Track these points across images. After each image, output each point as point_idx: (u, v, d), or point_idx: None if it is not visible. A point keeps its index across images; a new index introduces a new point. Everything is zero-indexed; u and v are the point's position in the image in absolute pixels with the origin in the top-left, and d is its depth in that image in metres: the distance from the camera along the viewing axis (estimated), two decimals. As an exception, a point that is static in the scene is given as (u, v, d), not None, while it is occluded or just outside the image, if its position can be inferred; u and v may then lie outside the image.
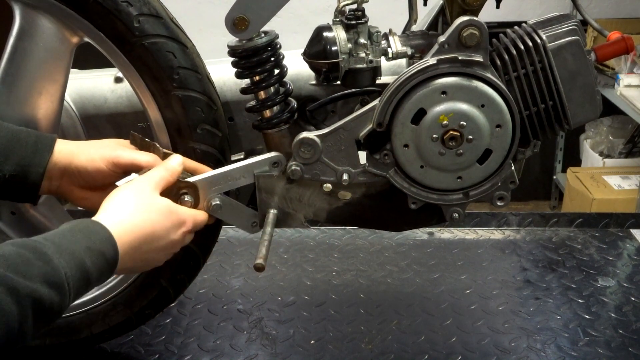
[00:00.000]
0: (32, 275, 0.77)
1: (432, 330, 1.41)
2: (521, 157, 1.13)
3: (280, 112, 1.15)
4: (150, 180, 1.02)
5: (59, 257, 0.81)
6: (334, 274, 1.62)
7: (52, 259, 0.80)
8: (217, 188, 1.12)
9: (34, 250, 0.80)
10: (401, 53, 1.14)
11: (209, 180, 1.11)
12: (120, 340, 1.36)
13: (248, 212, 1.17)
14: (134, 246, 0.94)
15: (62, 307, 0.81)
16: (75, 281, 0.82)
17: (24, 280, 0.76)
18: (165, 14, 1.10)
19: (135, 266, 0.98)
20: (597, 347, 1.35)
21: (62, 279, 0.80)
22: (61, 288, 0.80)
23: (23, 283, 0.76)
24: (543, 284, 1.57)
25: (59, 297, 0.80)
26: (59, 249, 0.82)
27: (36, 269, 0.78)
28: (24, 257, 0.78)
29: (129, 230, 0.94)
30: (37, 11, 1.08)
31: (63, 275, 0.81)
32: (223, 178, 1.12)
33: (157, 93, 1.11)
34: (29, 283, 0.77)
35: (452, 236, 1.79)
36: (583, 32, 1.09)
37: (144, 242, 0.96)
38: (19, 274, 0.76)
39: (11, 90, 1.10)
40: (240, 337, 1.39)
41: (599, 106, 1.10)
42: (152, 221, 0.97)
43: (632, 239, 1.77)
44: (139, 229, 0.95)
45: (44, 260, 0.79)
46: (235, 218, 1.16)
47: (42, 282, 0.78)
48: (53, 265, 0.80)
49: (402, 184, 1.12)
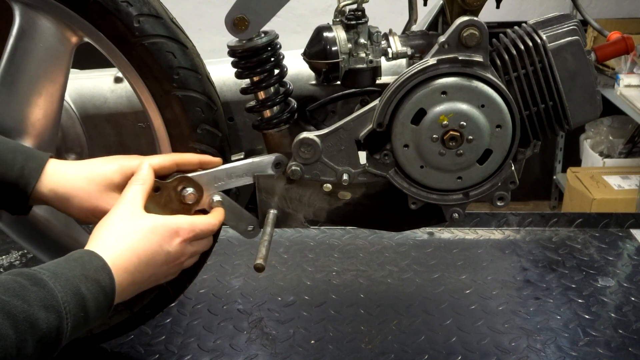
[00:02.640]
0: (28, 300, 0.77)
1: (432, 330, 1.41)
2: (521, 157, 1.13)
3: (280, 112, 1.15)
4: (129, 200, 1.01)
5: (55, 282, 0.81)
6: (334, 274, 1.62)
7: (48, 283, 0.80)
8: (220, 185, 1.12)
9: (29, 277, 0.80)
10: (401, 53, 1.14)
11: (212, 176, 1.11)
12: (120, 340, 1.36)
13: (247, 216, 1.17)
14: (130, 270, 0.94)
15: (60, 332, 0.81)
16: (72, 307, 0.82)
17: (21, 304, 0.76)
18: (165, 14, 1.10)
19: (141, 287, 0.98)
20: (597, 347, 1.35)
21: (59, 302, 0.80)
22: (58, 312, 0.80)
23: (20, 307, 0.76)
24: (543, 284, 1.57)
25: (56, 321, 0.80)
26: (54, 275, 0.82)
27: (32, 294, 0.78)
28: (20, 284, 0.79)
29: (120, 255, 0.93)
30: (37, 11, 1.08)
31: (59, 299, 0.80)
32: (226, 175, 1.13)
33: (157, 93, 1.11)
34: (26, 307, 0.77)
35: (452, 236, 1.79)
36: (583, 32, 1.09)
37: (139, 263, 0.95)
38: (15, 298, 0.76)
39: (11, 90, 1.10)
40: (240, 337, 1.39)
41: (599, 106, 1.10)
42: (141, 241, 0.97)
43: (632, 239, 1.77)
44: (130, 252, 0.95)
45: (39, 286, 0.80)
46: (233, 219, 1.16)
47: (39, 306, 0.78)
48: (49, 289, 0.80)
49: (402, 184, 1.12)
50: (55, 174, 1.03)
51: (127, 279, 0.93)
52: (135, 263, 0.95)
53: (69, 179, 1.03)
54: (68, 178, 1.03)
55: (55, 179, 1.03)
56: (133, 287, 0.95)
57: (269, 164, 1.14)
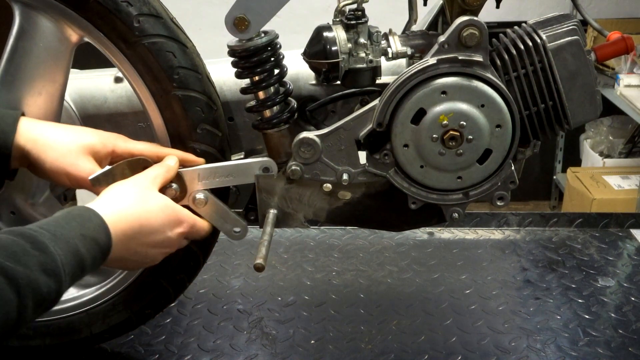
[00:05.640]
0: (30, 265, 0.78)
1: (432, 330, 1.41)
2: (521, 157, 1.13)
3: (280, 112, 1.15)
4: (149, 177, 1.04)
5: (55, 246, 0.82)
6: (334, 274, 1.62)
7: (48, 247, 0.81)
8: (204, 183, 1.12)
9: (30, 240, 0.81)
10: (401, 53, 1.14)
11: (196, 173, 1.11)
12: (120, 340, 1.36)
13: (232, 218, 1.16)
14: (128, 235, 0.95)
15: (59, 294, 0.83)
16: (71, 268, 0.84)
17: (23, 270, 0.77)
18: (165, 14, 1.10)
19: (128, 258, 0.98)
20: (597, 347, 1.35)
21: (59, 267, 0.81)
22: (58, 276, 0.81)
23: (22, 272, 0.77)
24: (543, 284, 1.57)
25: (56, 285, 0.81)
26: (54, 237, 0.83)
27: (34, 258, 0.79)
28: (21, 247, 0.79)
29: (124, 218, 0.95)
30: (37, 11, 1.08)
31: (59, 263, 0.82)
32: (210, 173, 1.12)
33: (157, 93, 1.11)
34: (28, 272, 0.78)
35: (452, 236, 1.79)
36: (583, 32, 1.09)
37: (138, 232, 0.96)
38: (17, 263, 0.77)
39: (11, 90, 1.10)
40: (240, 337, 1.39)
41: (599, 106, 1.10)
42: (148, 213, 0.98)
43: (632, 239, 1.77)
44: (134, 219, 0.96)
45: (40, 250, 0.80)
46: (218, 219, 1.15)
47: (40, 271, 0.79)
48: (49, 253, 0.81)
49: (402, 184, 1.12)
50: (33, 126, 1.03)
51: (123, 241, 0.94)
52: (136, 230, 0.96)
53: (49, 130, 1.04)
54: (48, 128, 1.04)
55: (35, 132, 1.03)
56: (124, 253, 0.95)
57: (255, 167, 1.14)
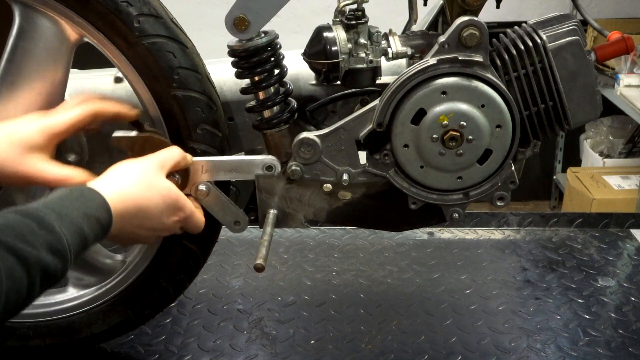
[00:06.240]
0: (38, 245, 0.80)
1: (432, 330, 1.41)
2: (521, 157, 1.13)
3: (280, 112, 1.15)
4: (158, 160, 1.04)
5: (60, 225, 0.84)
6: (334, 274, 1.62)
7: (55, 227, 0.83)
8: (207, 175, 1.13)
9: (37, 220, 0.82)
10: (401, 53, 1.14)
11: (200, 165, 1.12)
12: (120, 340, 1.36)
13: (233, 210, 1.16)
14: (125, 217, 0.96)
15: (64, 272, 0.84)
16: (75, 247, 0.85)
17: (32, 250, 0.79)
18: (165, 14, 1.10)
19: (120, 237, 0.99)
20: (597, 347, 1.35)
21: (65, 246, 0.83)
22: (64, 255, 0.83)
23: (32, 252, 0.79)
24: (543, 284, 1.57)
25: (61, 264, 0.83)
26: (59, 216, 0.85)
27: (41, 238, 0.81)
28: (29, 226, 0.81)
29: (124, 200, 0.96)
30: (37, 11, 1.08)
31: (65, 242, 0.83)
32: (214, 166, 1.13)
33: (157, 93, 1.11)
34: (37, 252, 0.79)
35: (452, 236, 1.79)
36: (583, 32, 1.09)
37: (135, 215, 0.98)
38: (26, 243, 0.79)
39: (11, 90, 1.10)
40: (240, 337, 1.39)
41: (599, 106, 1.10)
42: (149, 198, 0.99)
43: (632, 239, 1.77)
44: (134, 202, 0.97)
45: (47, 229, 0.82)
46: (219, 211, 1.15)
47: (47, 250, 0.81)
48: (56, 233, 0.83)
49: (402, 184, 1.12)
50: None
51: (119, 222, 0.95)
52: (132, 213, 0.97)
53: None
54: None
55: None
56: (118, 232, 0.96)
57: (259, 164, 1.14)
